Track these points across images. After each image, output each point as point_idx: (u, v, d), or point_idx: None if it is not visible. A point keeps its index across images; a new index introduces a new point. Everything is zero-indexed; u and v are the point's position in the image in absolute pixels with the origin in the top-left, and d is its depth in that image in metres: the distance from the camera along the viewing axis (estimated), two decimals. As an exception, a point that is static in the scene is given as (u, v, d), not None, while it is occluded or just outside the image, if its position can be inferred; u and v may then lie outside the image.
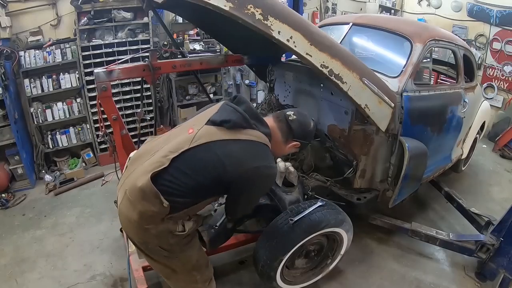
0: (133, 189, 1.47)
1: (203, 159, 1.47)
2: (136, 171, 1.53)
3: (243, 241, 2.59)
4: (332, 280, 2.62)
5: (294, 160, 2.63)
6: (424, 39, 2.62)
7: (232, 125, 1.50)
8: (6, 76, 3.63)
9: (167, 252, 1.59)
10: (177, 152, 1.46)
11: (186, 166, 1.46)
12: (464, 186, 3.98)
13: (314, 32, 1.88)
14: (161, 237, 1.53)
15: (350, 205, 2.55)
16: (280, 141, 1.69)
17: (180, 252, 1.62)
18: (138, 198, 1.45)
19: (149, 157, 1.53)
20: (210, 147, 1.47)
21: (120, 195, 1.58)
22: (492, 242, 2.49)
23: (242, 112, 1.54)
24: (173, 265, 1.67)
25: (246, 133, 1.52)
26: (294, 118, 1.69)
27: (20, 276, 2.68)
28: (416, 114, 2.54)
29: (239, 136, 1.50)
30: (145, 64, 2.55)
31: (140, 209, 1.46)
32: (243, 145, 1.50)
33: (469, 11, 5.54)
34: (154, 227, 1.49)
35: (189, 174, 1.46)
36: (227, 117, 1.52)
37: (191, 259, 1.69)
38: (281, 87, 3.16)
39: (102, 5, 4.05)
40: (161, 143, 1.58)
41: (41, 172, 4.16)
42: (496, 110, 5.33)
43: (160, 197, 1.42)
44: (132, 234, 1.60)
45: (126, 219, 1.55)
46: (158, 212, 1.46)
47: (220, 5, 1.62)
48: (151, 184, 1.42)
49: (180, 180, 1.46)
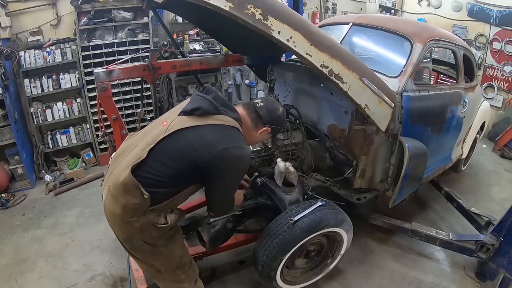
0: (115, 184, 1.52)
1: (177, 147, 1.53)
2: (117, 167, 1.58)
3: (243, 241, 2.59)
4: (332, 280, 2.62)
5: (294, 160, 2.63)
6: (424, 39, 2.62)
7: (202, 112, 1.57)
8: (6, 76, 3.63)
9: (150, 247, 1.62)
10: (153, 143, 1.52)
11: (162, 155, 1.52)
12: (464, 186, 3.98)
13: (314, 32, 1.88)
14: (144, 230, 1.57)
15: (350, 205, 2.55)
16: (250, 127, 1.73)
17: (163, 246, 1.66)
18: (120, 192, 1.51)
19: (129, 153, 1.60)
20: (183, 133, 1.54)
21: (104, 192, 1.63)
22: (492, 242, 2.49)
23: (210, 100, 1.61)
24: (157, 263, 1.70)
25: (216, 118, 1.58)
26: (262, 104, 1.76)
27: (20, 276, 2.68)
28: (416, 114, 2.54)
29: (209, 122, 1.56)
30: (145, 64, 2.54)
31: (123, 202, 1.51)
32: (212, 128, 1.55)
33: (469, 11, 5.54)
34: (136, 219, 1.53)
35: (166, 162, 1.52)
36: (197, 105, 1.58)
37: (175, 255, 1.72)
38: (281, 87, 3.16)
39: (102, 5, 4.05)
40: (139, 139, 1.65)
41: (41, 172, 4.16)
42: (496, 110, 5.33)
43: (140, 188, 1.47)
44: (117, 230, 1.65)
45: (110, 215, 1.60)
46: (139, 204, 1.51)
47: (220, 5, 1.62)
48: (131, 177, 1.47)
49: (158, 170, 1.51)
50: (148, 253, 1.65)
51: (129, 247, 1.67)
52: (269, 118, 1.75)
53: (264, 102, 1.79)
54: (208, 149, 1.50)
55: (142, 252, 1.67)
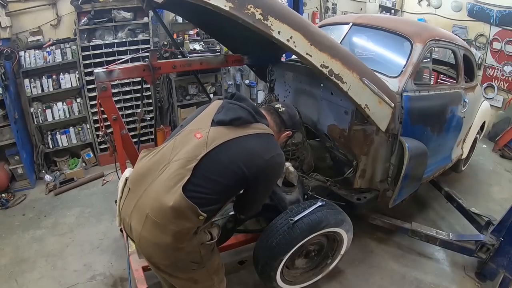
0: (160, 210, 1.38)
1: (225, 161, 1.46)
2: (151, 190, 1.44)
3: (243, 241, 2.59)
4: (332, 280, 2.62)
5: (294, 160, 2.63)
6: (424, 39, 2.62)
7: (243, 122, 1.54)
8: (6, 76, 3.63)
9: (197, 264, 1.56)
10: (197, 160, 1.42)
11: (209, 172, 1.43)
12: (464, 186, 3.98)
13: (314, 32, 1.88)
14: (193, 251, 1.50)
15: (350, 205, 2.55)
16: (275, 131, 1.76)
17: (208, 260, 1.61)
18: (169, 219, 1.38)
19: (161, 173, 1.45)
20: (228, 147, 1.47)
21: (136, 221, 1.46)
22: (492, 242, 2.49)
23: (248, 108, 1.58)
24: (197, 275, 1.63)
25: (254, 127, 1.56)
26: (284, 109, 1.80)
27: (20, 276, 2.68)
28: (416, 114, 2.54)
29: (249, 131, 1.54)
30: (145, 64, 2.54)
31: (174, 229, 1.39)
32: (255, 138, 1.54)
33: (469, 11, 5.54)
34: (188, 244, 1.46)
35: (214, 178, 1.44)
36: (236, 115, 1.53)
37: (215, 264, 1.69)
38: (281, 87, 3.16)
39: (102, 5, 4.05)
40: (167, 155, 1.50)
41: (41, 172, 4.16)
42: (496, 110, 5.33)
43: (197, 210, 1.38)
44: (159, 259, 1.51)
45: (153, 245, 1.45)
46: (192, 227, 1.43)
47: (220, 5, 1.62)
48: (185, 199, 1.36)
49: (208, 187, 1.43)
50: (192, 270, 1.58)
51: (171, 270, 1.56)
52: (291, 123, 1.81)
53: (285, 107, 1.82)
54: (257, 160, 1.49)
55: (185, 271, 1.59)
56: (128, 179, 1.57)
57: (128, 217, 1.50)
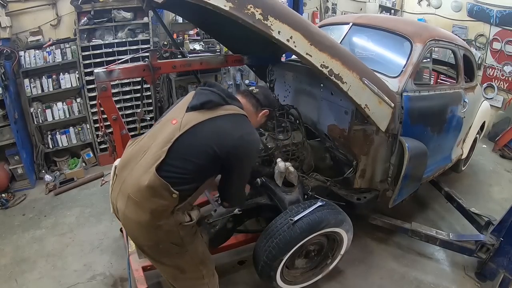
0: (138, 189, 1.50)
1: (197, 141, 1.56)
2: (133, 173, 1.56)
3: (243, 241, 2.59)
4: (332, 280, 2.62)
5: (294, 160, 2.63)
6: (424, 39, 2.62)
7: (213, 105, 1.63)
8: (6, 76, 3.63)
9: (178, 247, 1.63)
10: (171, 142, 1.53)
11: (182, 152, 1.53)
12: (464, 186, 3.98)
13: (314, 32, 1.88)
14: (172, 231, 1.58)
15: (350, 205, 2.55)
16: (252, 112, 1.85)
17: (190, 244, 1.68)
18: (146, 197, 1.49)
19: (141, 158, 1.57)
20: (199, 128, 1.57)
21: (121, 202, 1.59)
22: (492, 242, 2.49)
23: (218, 92, 1.67)
24: (182, 261, 1.71)
25: (225, 109, 1.65)
26: (257, 90, 1.90)
27: (20, 276, 2.68)
28: (416, 114, 2.54)
29: (220, 113, 1.63)
30: (145, 64, 2.55)
31: (151, 206, 1.50)
32: (226, 118, 1.63)
33: (469, 11, 5.54)
34: (165, 222, 1.54)
35: (188, 159, 1.54)
36: (207, 99, 1.63)
37: (198, 250, 1.75)
38: (281, 87, 3.16)
39: (102, 5, 4.05)
40: (148, 142, 1.63)
41: (41, 172, 4.16)
42: (496, 110, 5.33)
43: (169, 188, 1.48)
44: (142, 239, 1.61)
45: (134, 224, 1.56)
46: (168, 205, 1.52)
47: (220, 5, 1.62)
48: (158, 178, 1.46)
49: (181, 167, 1.53)
50: (175, 254, 1.66)
51: (155, 252, 1.65)
52: (267, 102, 1.90)
53: (259, 88, 1.93)
54: (227, 139, 1.57)
55: (168, 255, 1.66)
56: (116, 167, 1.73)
57: (115, 200, 1.64)
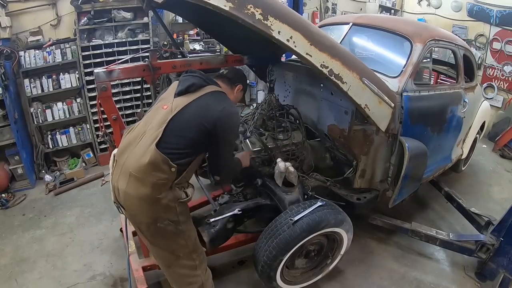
0: (140, 167, 1.66)
1: (188, 119, 1.75)
2: (132, 155, 1.71)
3: (243, 241, 2.59)
4: (332, 280, 2.62)
5: (294, 160, 2.63)
6: (424, 39, 2.62)
7: (196, 87, 1.85)
8: (6, 76, 3.63)
9: (174, 226, 1.76)
10: (165, 123, 1.72)
11: (176, 130, 1.72)
12: (464, 186, 3.98)
13: (314, 32, 1.88)
14: (170, 206, 1.72)
15: (350, 205, 2.55)
16: (229, 90, 2.06)
17: (184, 223, 1.80)
18: (148, 171, 1.65)
19: (139, 141, 1.74)
20: (188, 108, 1.78)
21: (122, 182, 1.73)
22: (492, 242, 2.49)
23: (198, 75, 1.91)
24: (178, 245, 1.82)
25: (207, 89, 1.87)
26: (227, 71, 2.15)
27: (20, 276, 2.68)
28: (416, 114, 2.54)
29: (203, 92, 1.85)
30: (145, 64, 2.54)
31: (152, 180, 1.65)
32: (208, 96, 1.85)
33: (469, 11, 5.54)
34: (165, 195, 1.69)
35: (182, 135, 1.73)
36: (190, 83, 1.85)
37: (191, 235, 1.88)
38: (281, 87, 3.16)
39: (102, 5, 4.05)
40: (143, 127, 1.80)
41: (41, 172, 4.16)
42: (496, 110, 5.34)
43: (169, 162, 1.65)
44: (141, 216, 1.73)
45: (136, 200, 1.69)
46: (167, 179, 1.68)
47: (220, 5, 1.62)
48: (159, 153, 1.64)
49: (176, 143, 1.72)
50: (172, 233, 1.77)
51: (152, 232, 1.76)
52: (238, 78, 2.13)
53: (229, 68, 2.22)
54: (212, 112, 1.76)
55: (166, 234, 1.77)
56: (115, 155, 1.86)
57: (116, 182, 1.77)
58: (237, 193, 2.68)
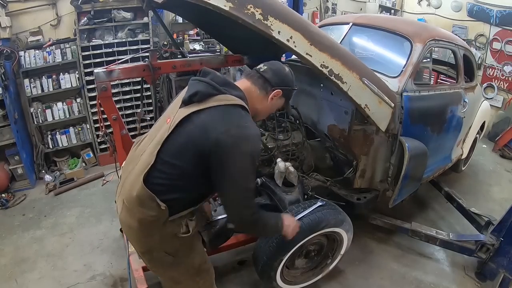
0: (129, 197, 1.43)
1: (180, 141, 1.38)
2: (129, 177, 1.48)
3: (243, 241, 2.58)
4: (332, 280, 2.62)
5: (294, 160, 2.63)
6: (424, 39, 2.62)
7: (201, 96, 1.40)
8: (6, 76, 3.63)
9: (172, 257, 1.53)
10: (160, 144, 1.39)
11: (169, 155, 1.38)
12: (464, 186, 3.98)
13: (314, 32, 1.88)
14: (166, 241, 1.48)
15: (350, 205, 2.55)
16: (259, 96, 1.58)
17: (185, 256, 1.57)
18: (135, 206, 1.42)
19: (138, 161, 1.48)
20: (184, 125, 1.38)
21: (119, 205, 1.56)
22: (492, 242, 2.49)
23: (207, 81, 1.44)
24: (177, 273, 1.62)
25: (216, 99, 1.40)
26: (265, 68, 1.61)
27: (20, 276, 2.68)
28: (416, 114, 2.54)
29: (209, 104, 1.39)
30: (145, 64, 2.55)
31: (139, 216, 1.42)
32: (214, 111, 1.38)
33: (469, 11, 5.54)
34: (157, 232, 1.45)
35: (173, 162, 1.37)
36: (192, 91, 1.41)
37: (195, 263, 1.63)
38: (281, 87, 3.15)
39: (102, 5, 4.05)
40: (146, 143, 1.51)
41: (41, 172, 4.16)
42: (496, 110, 5.33)
43: (156, 200, 1.36)
44: (135, 244, 1.57)
45: (128, 228, 1.53)
46: (157, 217, 1.40)
47: (220, 5, 1.62)
48: (144, 189, 1.36)
49: (167, 172, 1.38)
50: (169, 264, 1.55)
51: (149, 260, 1.57)
52: (277, 80, 1.58)
53: (268, 65, 1.62)
54: (209, 134, 1.32)
55: (162, 264, 1.57)
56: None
57: (117, 200, 1.60)
58: None
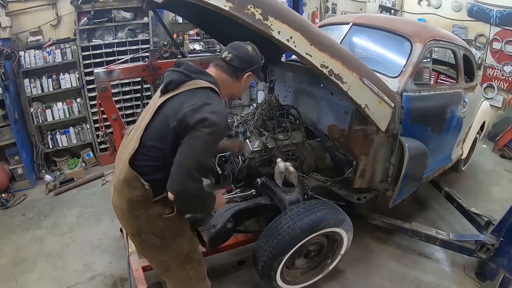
0: (119, 180, 1.58)
1: (158, 124, 1.53)
2: (118, 166, 1.64)
3: (243, 241, 2.59)
4: (332, 280, 2.62)
5: (294, 160, 2.63)
6: (424, 39, 2.62)
7: (175, 84, 1.54)
8: (6, 76, 3.64)
9: (159, 240, 1.62)
10: (142, 130, 1.54)
11: (150, 139, 1.53)
12: (464, 186, 3.98)
13: (314, 32, 1.88)
14: (152, 222, 1.59)
15: (350, 205, 2.55)
16: (231, 82, 1.68)
17: (171, 238, 1.65)
18: (124, 187, 1.56)
19: (125, 150, 1.62)
20: (160, 111, 1.54)
21: (111, 190, 1.70)
22: (492, 242, 2.49)
23: (181, 70, 1.56)
24: (166, 257, 1.71)
25: (188, 85, 1.54)
26: (231, 56, 1.65)
27: (20, 276, 2.68)
28: (416, 114, 2.54)
29: (182, 89, 1.53)
30: (145, 64, 2.56)
31: (128, 196, 1.55)
32: (185, 94, 1.52)
33: (469, 11, 5.54)
34: (143, 211, 1.57)
35: (154, 145, 1.52)
36: (167, 80, 1.55)
37: (183, 248, 1.71)
38: (281, 87, 3.16)
39: (102, 5, 4.05)
40: (133, 133, 1.66)
41: (41, 172, 4.16)
42: (496, 110, 5.33)
43: (140, 180, 1.50)
44: (126, 225, 1.69)
45: (119, 211, 1.65)
46: (143, 196, 1.53)
47: (220, 5, 1.63)
48: (129, 169, 1.50)
49: (150, 154, 1.53)
50: (158, 247, 1.65)
51: (139, 242, 1.68)
52: (246, 65, 1.67)
53: (232, 51, 1.66)
54: (179, 112, 1.45)
55: (151, 247, 1.66)
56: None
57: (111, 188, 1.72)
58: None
